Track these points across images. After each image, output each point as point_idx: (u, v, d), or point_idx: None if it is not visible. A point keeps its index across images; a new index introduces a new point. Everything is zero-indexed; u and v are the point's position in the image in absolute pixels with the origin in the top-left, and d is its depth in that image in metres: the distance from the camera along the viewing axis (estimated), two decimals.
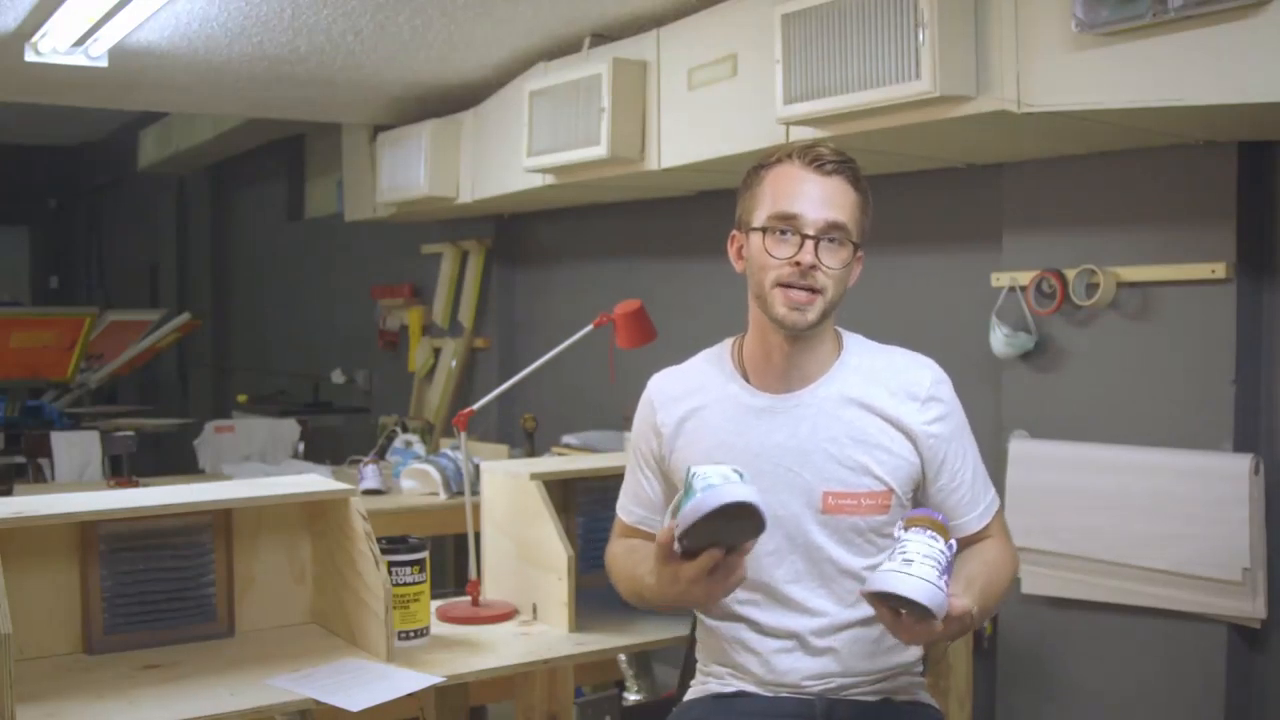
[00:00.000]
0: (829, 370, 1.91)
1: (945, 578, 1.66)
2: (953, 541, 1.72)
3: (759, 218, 1.86)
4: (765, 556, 1.88)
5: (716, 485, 1.64)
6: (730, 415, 1.92)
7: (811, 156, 1.85)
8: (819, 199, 1.83)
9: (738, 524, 1.66)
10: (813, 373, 1.91)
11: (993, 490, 1.99)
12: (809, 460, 1.87)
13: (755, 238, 1.87)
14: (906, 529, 1.71)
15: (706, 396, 1.96)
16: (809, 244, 1.81)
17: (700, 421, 1.94)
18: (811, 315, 1.83)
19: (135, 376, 8.13)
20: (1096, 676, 2.82)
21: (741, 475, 1.70)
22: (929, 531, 1.69)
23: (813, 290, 1.82)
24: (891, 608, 1.66)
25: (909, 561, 1.65)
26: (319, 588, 2.39)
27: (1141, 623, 2.71)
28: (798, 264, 1.81)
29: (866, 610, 1.88)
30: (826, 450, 1.87)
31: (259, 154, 7.15)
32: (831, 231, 1.82)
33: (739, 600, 1.91)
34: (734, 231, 1.93)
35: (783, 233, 1.83)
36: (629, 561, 1.97)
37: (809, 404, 1.89)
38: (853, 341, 1.96)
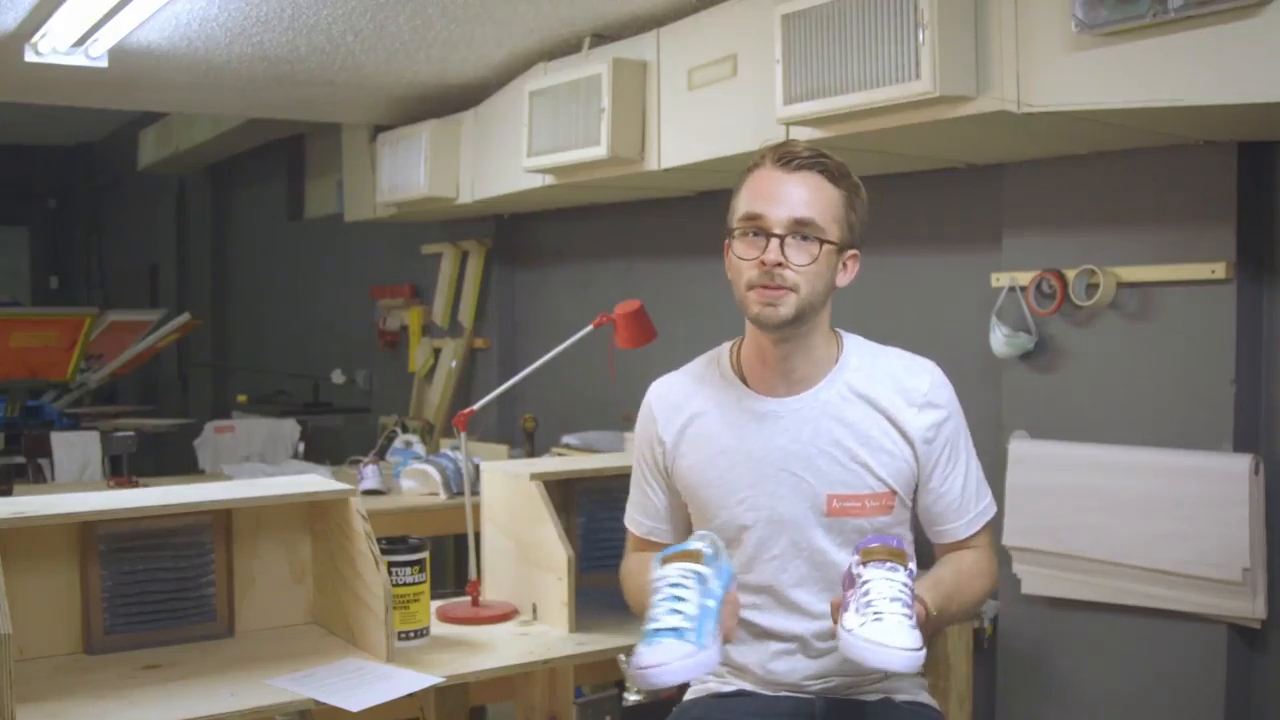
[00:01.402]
0: (829, 373, 1.90)
1: (913, 615, 1.63)
2: (912, 567, 1.69)
3: (733, 221, 1.86)
4: (769, 560, 1.88)
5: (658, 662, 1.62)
6: (731, 420, 1.92)
7: (779, 154, 1.84)
8: (784, 197, 1.81)
9: None
10: (812, 375, 1.90)
11: (988, 499, 1.96)
12: (812, 464, 1.87)
13: (730, 243, 1.86)
14: (865, 563, 1.67)
15: (707, 402, 1.95)
16: (774, 242, 1.79)
17: (701, 428, 1.94)
18: (784, 310, 1.80)
19: (135, 376, 8.13)
20: (1096, 676, 2.82)
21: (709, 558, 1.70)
22: (887, 564, 1.65)
23: (782, 287, 1.80)
24: None
25: (879, 616, 1.60)
26: (319, 588, 2.39)
27: (1141, 623, 2.71)
28: (764, 263, 1.80)
29: None
30: (829, 453, 1.86)
31: (259, 154, 7.15)
32: (797, 229, 1.80)
33: (742, 605, 1.91)
34: (725, 240, 1.93)
35: (754, 234, 1.82)
36: (638, 581, 1.94)
37: (810, 407, 1.88)
38: (852, 343, 1.95)
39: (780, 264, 1.79)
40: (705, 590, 1.68)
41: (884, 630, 1.59)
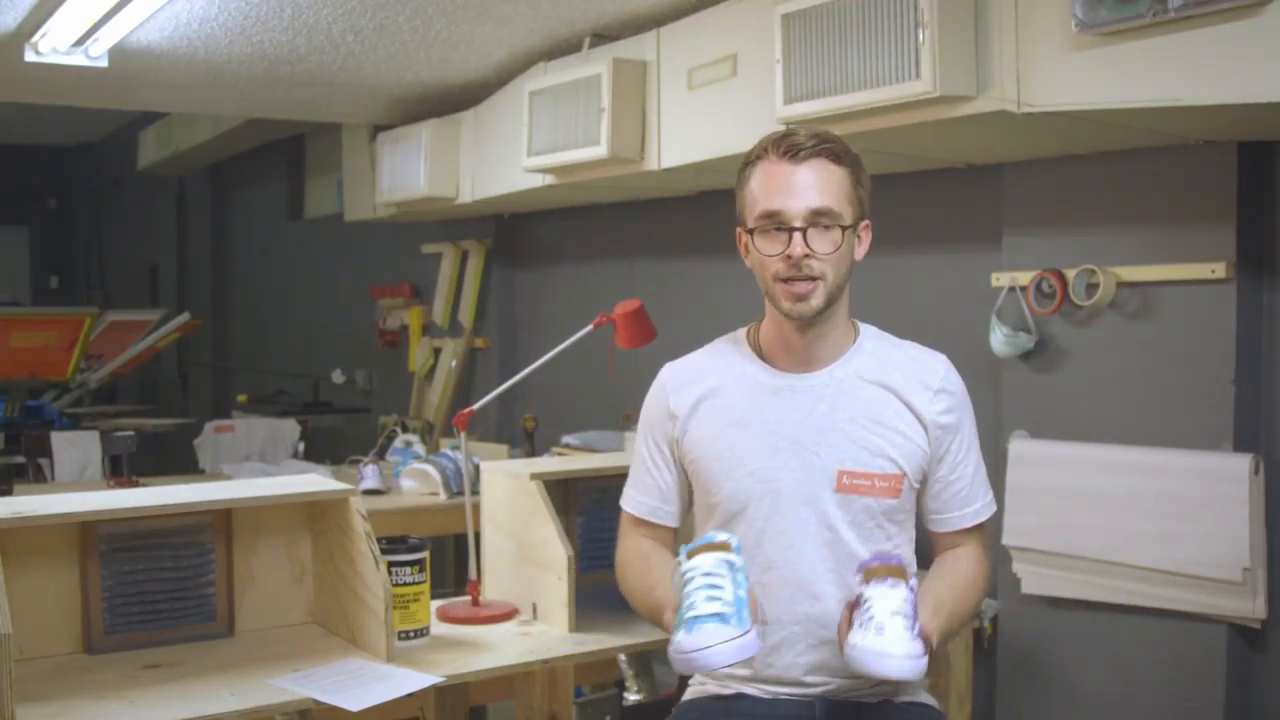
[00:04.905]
0: (845, 353, 1.94)
1: (916, 625, 1.69)
2: (913, 580, 1.75)
3: (750, 218, 1.89)
4: (777, 535, 1.89)
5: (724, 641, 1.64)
6: (746, 393, 1.94)
7: (785, 146, 1.86)
8: (798, 189, 1.84)
9: None
10: (829, 356, 1.93)
11: (990, 494, 2.00)
12: (824, 438, 1.88)
13: (750, 239, 1.89)
14: (866, 581, 1.73)
15: (722, 377, 1.97)
16: (797, 235, 1.83)
17: (716, 401, 1.95)
18: (815, 302, 1.85)
19: (135, 376, 8.13)
20: (1096, 676, 2.82)
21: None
22: (888, 580, 1.71)
23: (811, 278, 1.84)
24: None
25: (880, 629, 1.67)
26: (319, 588, 2.39)
27: (1141, 623, 2.71)
28: (789, 257, 1.83)
29: None
30: (843, 429, 1.89)
31: (259, 154, 7.15)
32: (817, 218, 1.83)
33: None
34: (739, 229, 1.95)
35: (774, 229, 1.85)
36: (644, 580, 1.95)
37: (826, 383, 1.91)
38: (869, 331, 1.99)
39: (807, 255, 1.83)
40: (736, 580, 1.70)
41: (885, 640, 1.66)
